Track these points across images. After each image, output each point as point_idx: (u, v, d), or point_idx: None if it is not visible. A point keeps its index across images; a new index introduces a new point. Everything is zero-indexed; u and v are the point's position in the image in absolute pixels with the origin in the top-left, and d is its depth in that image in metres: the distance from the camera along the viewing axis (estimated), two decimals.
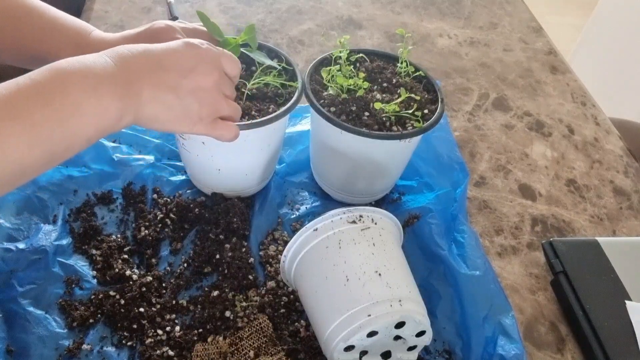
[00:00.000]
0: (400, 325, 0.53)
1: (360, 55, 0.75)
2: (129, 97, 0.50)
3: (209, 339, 0.59)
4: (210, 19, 0.64)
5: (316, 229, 0.57)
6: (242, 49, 0.67)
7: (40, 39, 0.60)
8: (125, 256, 0.66)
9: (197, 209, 0.71)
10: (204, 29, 0.64)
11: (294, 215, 0.74)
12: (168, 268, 0.66)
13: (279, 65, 0.70)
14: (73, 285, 0.63)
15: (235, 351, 0.57)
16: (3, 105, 0.43)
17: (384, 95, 0.69)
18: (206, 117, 0.56)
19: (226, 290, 0.63)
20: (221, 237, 0.68)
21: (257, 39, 0.69)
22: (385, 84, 0.72)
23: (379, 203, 0.77)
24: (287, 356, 0.58)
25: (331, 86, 0.69)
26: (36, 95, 0.45)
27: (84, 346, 0.58)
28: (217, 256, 0.67)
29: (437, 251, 0.69)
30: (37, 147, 0.45)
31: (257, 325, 0.59)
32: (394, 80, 0.72)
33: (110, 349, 0.58)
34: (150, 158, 0.77)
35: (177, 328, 0.60)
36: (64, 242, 0.66)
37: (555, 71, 1.10)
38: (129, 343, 0.59)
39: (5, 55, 0.62)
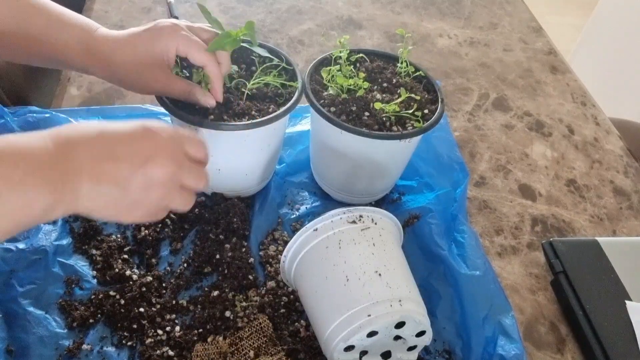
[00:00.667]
0: (400, 325, 0.53)
1: (360, 55, 0.75)
2: (62, 190, 0.43)
3: (209, 339, 0.59)
4: (211, 14, 0.64)
5: (316, 229, 0.57)
6: (242, 44, 0.67)
7: (46, 35, 0.59)
8: (125, 256, 0.66)
9: (197, 209, 0.71)
10: (209, 29, 0.64)
11: (294, 215, 0.74)
12: (168, 268, 0.66)
13: (279, 64, 0.70)
14: (73, 285, 0.63)
15: (235, 351, 0.57)
16: None
17: (384, 95, 0.69)
18: (153, 209, 0.50)
19: (226, 290, 0.63)
20: (221, 237, 0.68)
21: (257, 39, 0.68)
22: (385, 84, 0.72)
23: (379, 203, 0.77)
24: (287, 356, 0.58)
25: (331, 86, 0.69)
26: None
27: (84, 346, 0.58)
28: (217, 256, 0.67)
29: (437, 251, 0.69)
30: None
31: (257, 325, 0.59)
32: (394, 80, 0.72)
33: (110, 349, 0.58)
34: None
35: (177, 328, 0.60)
36: (64, 242, 0.66)
37: (555, 71, 1.10)
38: (129, 343, 0.59)
39: (11, 52, 0.62)
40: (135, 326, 0.60)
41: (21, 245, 0.64)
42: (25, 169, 0.41)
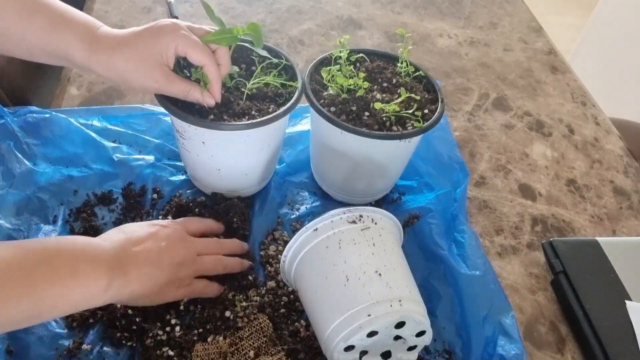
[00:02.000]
0: (400, 325, 0.53)
1: (360, 55, 0.75)
2: (116, 276, 0.53)
3: (209, 339, 0.59)
4: (214, 12, 0.64)
5: (316, 229, 0.57)
6: (241, 43, 0.66)
7: (49, 33, 0.60)
8: None
9: (197, 209, 0.71)
10: (209, 29, 0.64)
11: (294, 215, 0.74)
12: None
13: (280, 63, 0.70)
14: None
15: (235, 351, 0.57)
16: (15, 267, 0.47)
17: (384, 95, 0.69)
18: (186, 279, 0.60)
19: (226, 290, 0.63)
20: (221, 237, 0.68)
21: None
22: (385, 84, 0.72)
23: (379, 203, 0.77)
24: (287, 356, 0.58)
25: (331, 86, 0.69)
26: (46, 266, 0.48)
27: (84, 346, 0.58)
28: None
29: (437, 251, 0.69)
30: (28, 311, 0.47)
31: (257, 325, 0.59)
32: (394, 80, 0.72)
33: (110, 349, 0.58)
34: (150, 158, 0.77)
35: (177, 328, 0.60)
36: None
37: (555, 71, 1.10)
38: (129, 343, 0.59)
39: (15, 49, 0.62)
40: (135, 326, 0.60)
41: None
42: (98, 262, 0.52)
